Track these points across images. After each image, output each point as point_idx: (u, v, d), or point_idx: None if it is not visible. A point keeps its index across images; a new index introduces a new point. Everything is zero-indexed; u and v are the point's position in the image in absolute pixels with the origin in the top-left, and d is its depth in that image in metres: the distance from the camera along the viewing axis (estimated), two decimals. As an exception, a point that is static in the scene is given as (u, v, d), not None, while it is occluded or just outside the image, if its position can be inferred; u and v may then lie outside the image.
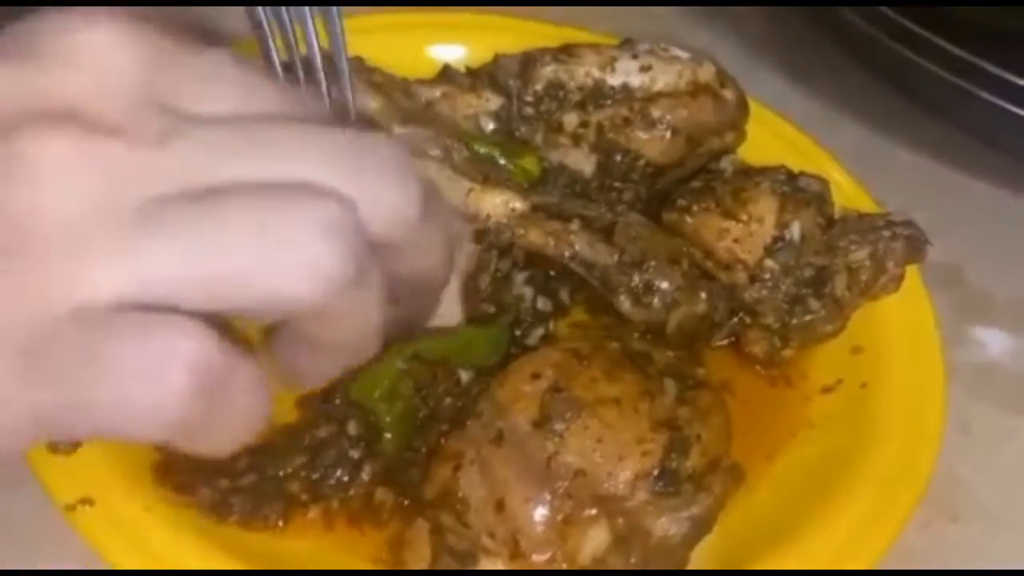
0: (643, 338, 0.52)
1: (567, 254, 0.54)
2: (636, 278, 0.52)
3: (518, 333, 0.53)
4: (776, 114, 0.65)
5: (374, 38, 0.62)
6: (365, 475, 0.47)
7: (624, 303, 0.52)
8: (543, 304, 0.54)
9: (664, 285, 0.52)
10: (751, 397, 0.54)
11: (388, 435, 0.48)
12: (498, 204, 0.55)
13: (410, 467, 0.47)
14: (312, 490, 0.46)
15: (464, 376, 0.50)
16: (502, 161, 0.58)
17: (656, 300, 0.52)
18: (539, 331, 0.53)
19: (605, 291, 0.53)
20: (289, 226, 0.29)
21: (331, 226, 0.29)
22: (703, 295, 0.53)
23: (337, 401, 0.49)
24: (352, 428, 0.47)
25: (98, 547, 0.42)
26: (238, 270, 0.28)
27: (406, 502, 0.46)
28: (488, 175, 0.56)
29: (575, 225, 0.54)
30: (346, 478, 0.47)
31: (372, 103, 0.56)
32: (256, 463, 0.46)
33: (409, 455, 0.48)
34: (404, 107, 0.57)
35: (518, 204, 0.55)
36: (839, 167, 0.63)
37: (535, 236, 0.54)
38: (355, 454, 0.47)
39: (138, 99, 0.28)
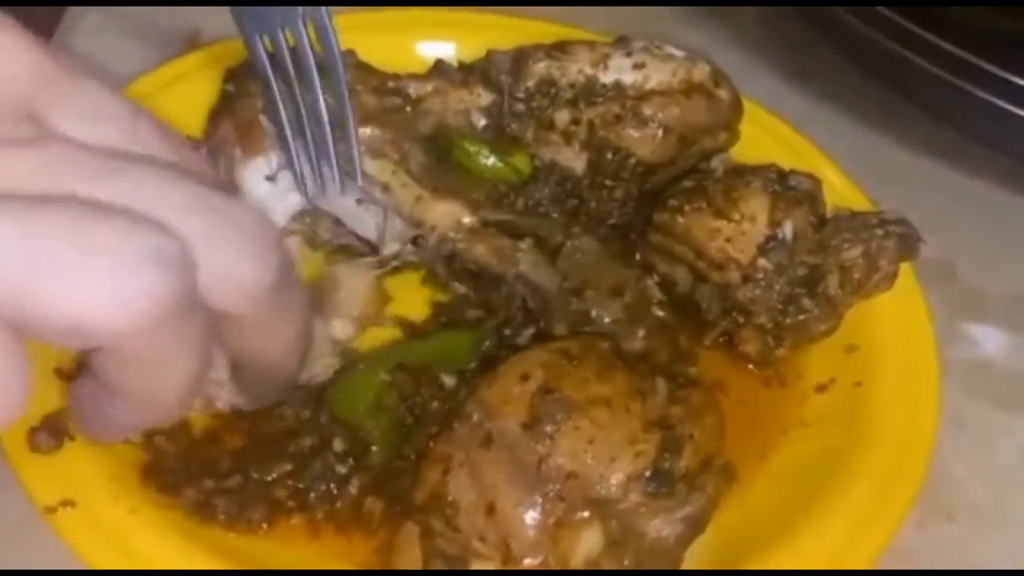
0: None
1: (511, 273, 0.54)
2: (575, 306, 0.52)
3: (508, 333, 0.53)
4: (769, 112, 0.65)
5: (365, 35, 0.62)
6: (353, 488, 0.46)
7: (560, 330, 0.51)
8: (533, 303, 0.53)
9: (600, 317, 0.52)
10: (745, 396, 0.53)
11: (376, 448, 0.47)
12: (444, 215, 0.54)
13: (400, 475, 0.46)
14: (298, 498, 0.46)
15: (447, 381, 0.49)
16: (491, 160, 0.57)
17: (590, 331, 0.51)
18: (529, 331, 0.53)
19: (543, 316, 0.52)
20: (110, 246, 0.26)
21: (156, 256, 0.26)
22: (641, 332, 0.51)
23: (322, 418, 0.48)
24: (338, 445, 0.47)
25: (79, 551, 0.41)
26: (37, 278, 0.25)
27: (396, 510, 0.45)
28: (439, 185, 0.56)
29: (525, 244, 0.54)
30: (334, 491, 0.46)
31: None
32: (240, 465, 0.46)
33: (398, 464, 0.47)
34: (369, 108, 0.56)
35: (466, 218, 0.54)
36: (832, 165, 0.63)
37: (480, 251, 0.54)
38: (342, 469, 0.46)
39: (15, 103, 0.27)
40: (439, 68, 0.60)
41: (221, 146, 0.54)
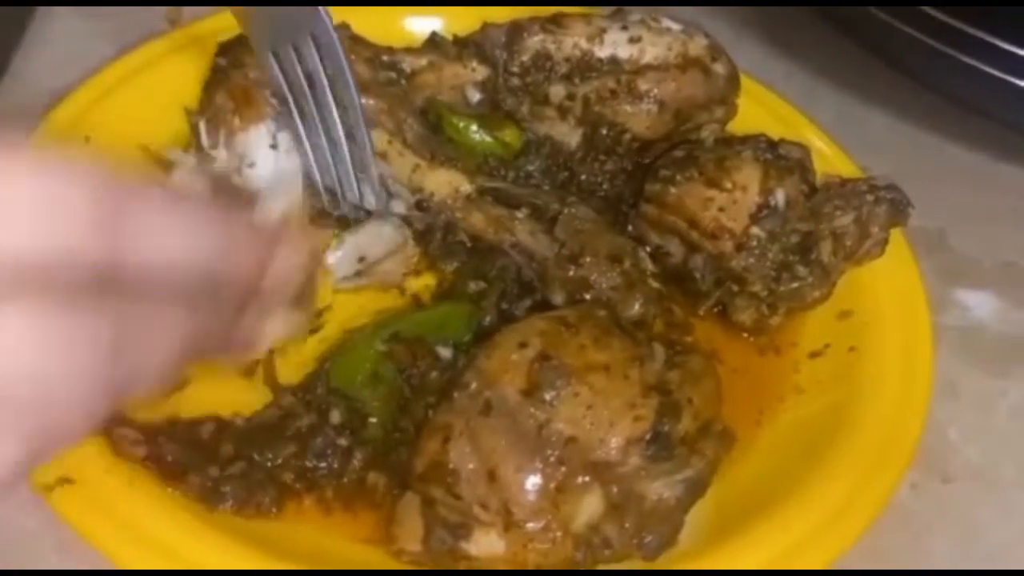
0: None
1: (507, 242, 0.54)
2: (572, 272, 0.52)
3: (505, 306, 0.53)
4: (758, 82, 0.65)
5: (355, 9, 0.61)
6: (356, 461, 0.46)
7: (556, 298, 0.52)
8: (528, 274, 0.54)
9: (599, 282, 0.52)
10: (740, 365, 0.54)
11: (374, 419, 0.47)
12: (443, 183, 0.55)
13: (399, 448, 0.47)
14: (305, 479, 0.46)
15: (443, 353, 0.50)
16: (479, 135, 0.57)
17: (588, 298, 0.51)
18: (526, 303, 0.53)
19: (541, 284, 0.53)
20: None
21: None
22: (639, 298, 0.52)
23: (318, 390, 0.48)
24: (335, 417, 0.47)
25: (79, 527, 0.41)
26: None
27: (397, 482, 0.45)
28: (436, 154, 0.56)
29: (521, 213, 0.55)
30: (336, 465, 0.46)
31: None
32: (242, 451, 0.46)
33: (397, 436, 0.47)
34: (364, 79, 0.56)
35: (464, 186, 0.55)
36: (821, 134, 0.63)
37: (476, 220, 0.54)
38: (343, 442, 0.46)
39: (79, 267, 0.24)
40: (433, 42, 0.60)
41: (218, 116, 0.55)
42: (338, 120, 0.52)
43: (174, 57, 0.61)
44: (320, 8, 0.50)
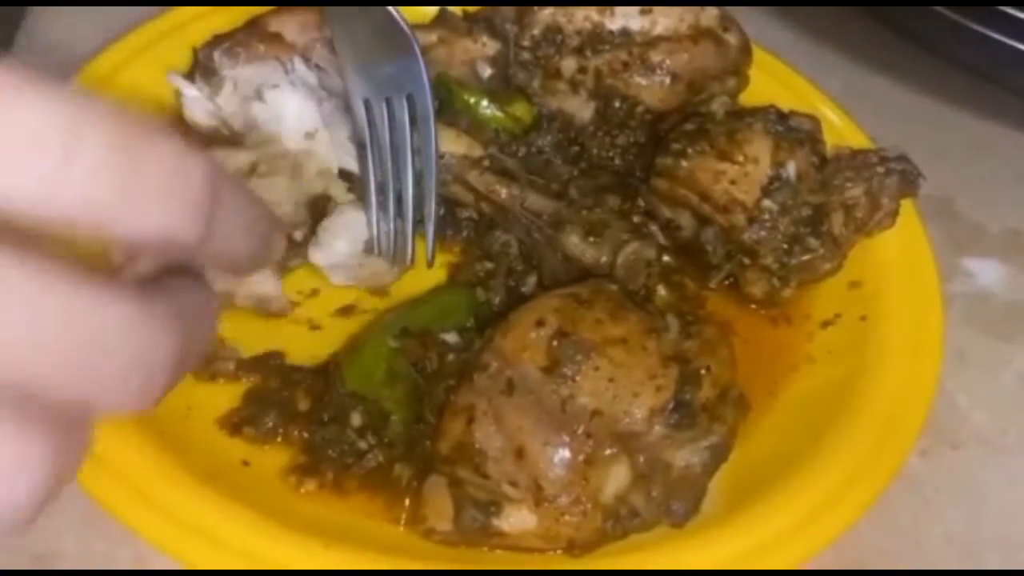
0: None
1: (518, 202, 0.54)
2: (587, 214, 0.53)
3: (512, 284, 0.54)
4: (768, 53, 0.65)
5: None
6: (371, 460, 0.46)
7: (571, 237, 0.52)
8: (534, 239, 0.54)
9: (616, 223, 0.53)
10: (752, 336, 0.54)
11: (395, 417, 0.48)
12: (453, 141, 0.55)
13: (423, 440, 0.47)
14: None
15: (450, 340, 0.50)
16: (491, 109, 0.58)
17: (607, 234, 0.52)
18: (532, 278, 0.54)
19: (552, 230, 0.53)
20: None
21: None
22: (651, 243, 0.53)
23: (340, 391, 0.48)
24: (356, 420, 0.47)
25: (102, 501, 0.42)
26: None
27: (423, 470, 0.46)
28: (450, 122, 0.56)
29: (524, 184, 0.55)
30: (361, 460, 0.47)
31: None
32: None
33: (420, 427, 0.47)
34: None
35: (476, 151, 0.55)
36: (831, 104, 0.63)
37: (488, 179, 0.54)
38: (363, 445, 0.46)
39: None
40: (443, 17, 0.60)
41: (240, 43, 0.54)
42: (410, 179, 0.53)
43: (163, 44, 0.60)
44: (423, 70, 0.52)
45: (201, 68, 0.53)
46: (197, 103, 0.53)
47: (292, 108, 0.53)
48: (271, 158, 0.52)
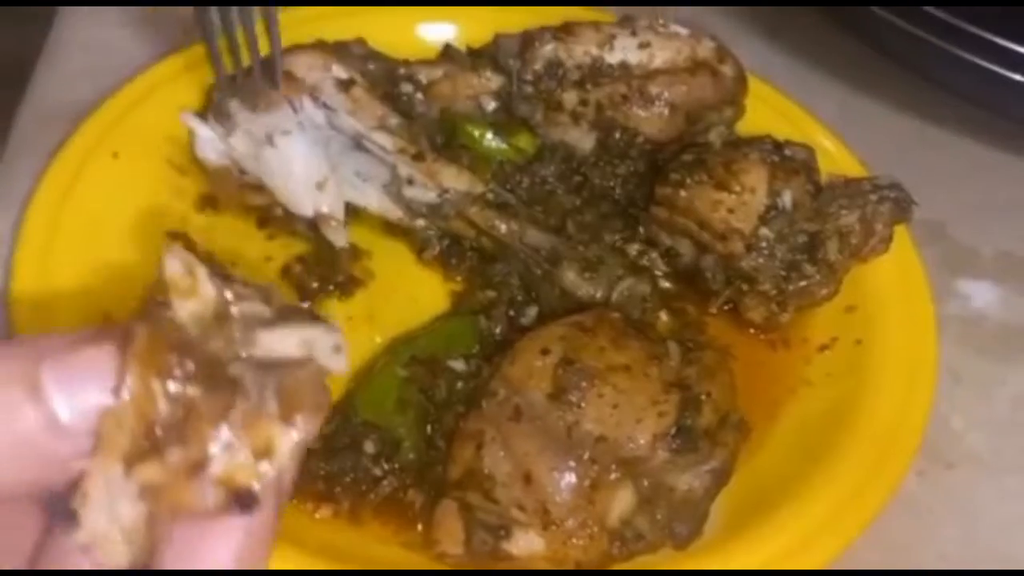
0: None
1: (518, 237, 0.56)
2: (583, 250, 0.54)
3: (512, 314, 0.55)
4: (763, 82, 0.67)
5: (368, 18, 0.63)
6: (387, 487, 0.47)
7: (568, 272, 0.53)
8: (534, 272, 0.55)
9: (611, 259, 0.54)
10: (752, 360, 0.56)
11: (407, 443, 0.49)
12: (454, 178, 0.56)
13: (435, 465, 0.48)
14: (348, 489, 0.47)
15: (457, 366, 0.51)
16: (495, 141, 0.59)
17: (602, 270, 0.53)
18: (532, 310, 0.55)
19: (550, 266, 0.54)
20: None
21: None
22: (646, 278, 0.54)
23: (354, 420, 0.49)
24: (370, 447, 0.48)
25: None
26: None
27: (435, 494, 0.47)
28: (449, 156, 0.57)
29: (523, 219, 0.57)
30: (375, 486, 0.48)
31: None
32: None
33: (432, 454, 0.48)
34: (380, 92, 0.58)
35: (478, 187, 0.56)
36: (826, 132, 0.65)
37: (488, 215, 0.56)
38: (377, 471, 0.48)
39: None
40: (448, 53, 0.62)
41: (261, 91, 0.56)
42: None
43: (200, 70, 0.62)
44: None
45: (215, 109, 0.54)
46: (209, 143, 0.54)
47: (301, 154, 0.54)
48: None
